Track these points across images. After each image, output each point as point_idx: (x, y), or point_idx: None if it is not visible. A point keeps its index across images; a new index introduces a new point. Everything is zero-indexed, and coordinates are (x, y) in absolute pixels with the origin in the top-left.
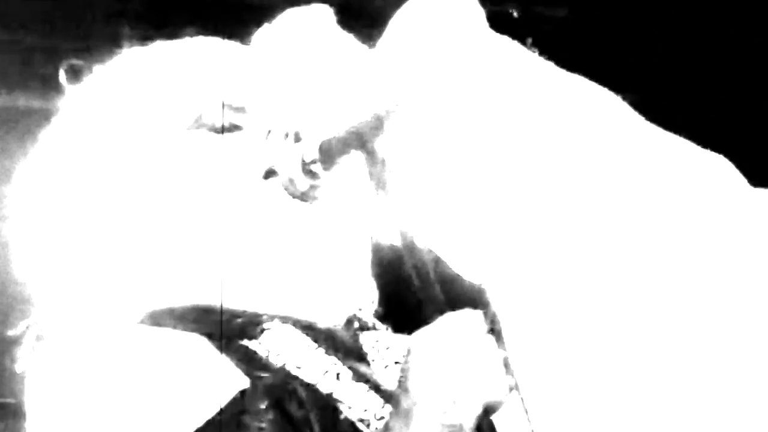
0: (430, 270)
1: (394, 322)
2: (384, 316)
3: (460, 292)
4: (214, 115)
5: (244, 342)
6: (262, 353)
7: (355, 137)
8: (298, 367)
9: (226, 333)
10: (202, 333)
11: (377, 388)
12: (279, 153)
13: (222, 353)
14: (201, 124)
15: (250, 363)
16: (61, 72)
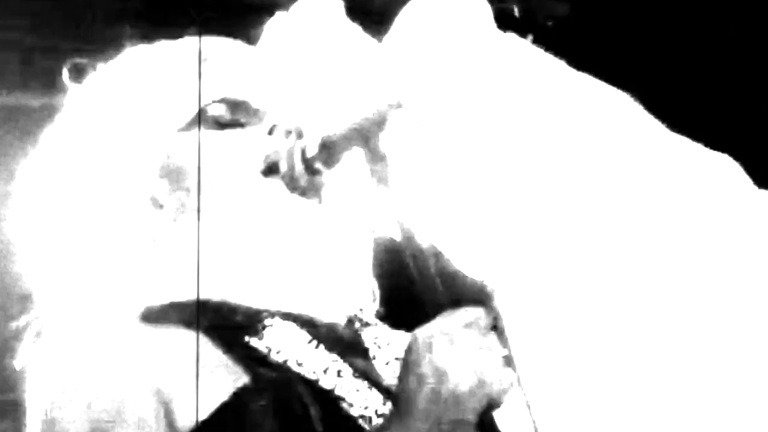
0: (432, 266)
1: (395, 322)
2: (385, 315)
3: (461, 288)
4: (216, 112)
5: (244, 338)
6: (263, 350)
7: (357, 133)
8: (299, 363)
9: (227, 329)
10: (202, 329)
11: (378, 385)
12: (280, 149)
13: (222, 350)
14: (203, 120)
15: (251, 359)
16: (64, 71)
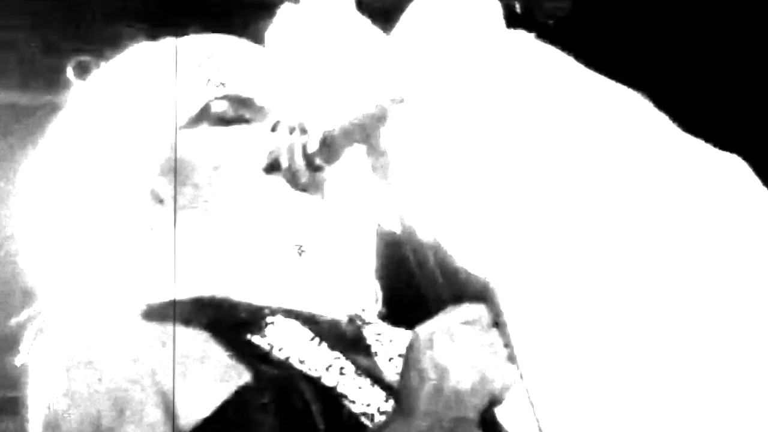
0: (433, 262)
1: (397, 322)
2: (387, 315)
3: (463, 285)
4: (219, 108)
5: (247, 336)
6: (265, 347)
7: (358, 129)
8: (301, 360)
9: (229, 326)
10: (204, 326)
11: (381, 382)
12: (282, 145)
13: (224, 347)
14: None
15: (253, 357)
16: (69, 68)
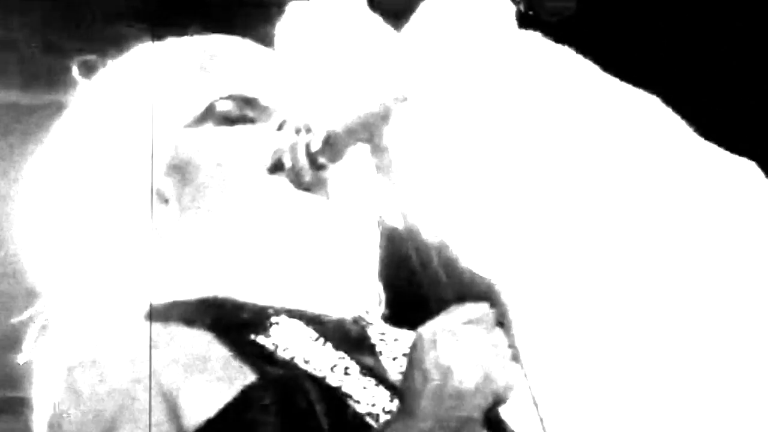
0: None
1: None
2: (390, 317)
3: (467, 284)
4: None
5: (251, 336)
6: (269, 347)
7: (361, 127)
8: (305, 361)
9: (233, 327)
10: (209, 327)
11: (385, 382)
12: (286, 145)
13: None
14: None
15: (258, 357)
16: (73, 67)
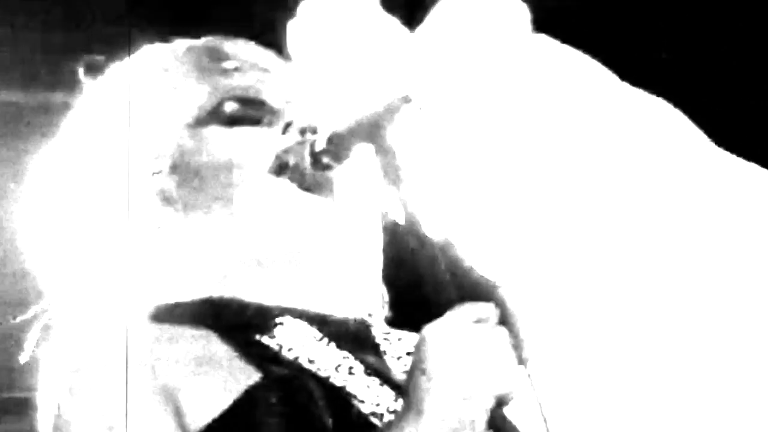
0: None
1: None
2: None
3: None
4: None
5: (255, 336)
6: (274, 347)
7: (365, 127)
8: (310, 360)
9: (238, 327)
10: (213, 327)
11: (389, 381)
12: (291, 146)
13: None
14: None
15: (262, 357)
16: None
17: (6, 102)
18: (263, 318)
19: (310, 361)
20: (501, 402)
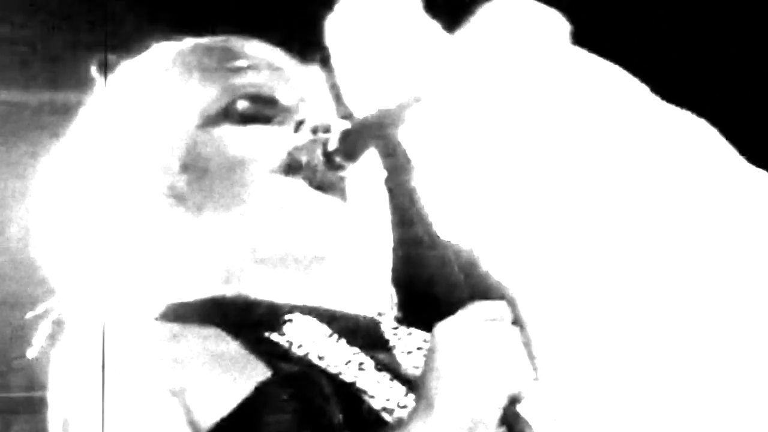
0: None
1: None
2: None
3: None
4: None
5: (265, 333)
6: (284, 344)
7: (377, 125)
8: (320, 357)
9: (248, 325)
10: (223, 325)
11: (400, 377)
12: (303, 144)
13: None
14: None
15: (272, 354)
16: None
17: (6, 102)
18: (273, 315)
19: (320, 358)
20: (513, 401)
